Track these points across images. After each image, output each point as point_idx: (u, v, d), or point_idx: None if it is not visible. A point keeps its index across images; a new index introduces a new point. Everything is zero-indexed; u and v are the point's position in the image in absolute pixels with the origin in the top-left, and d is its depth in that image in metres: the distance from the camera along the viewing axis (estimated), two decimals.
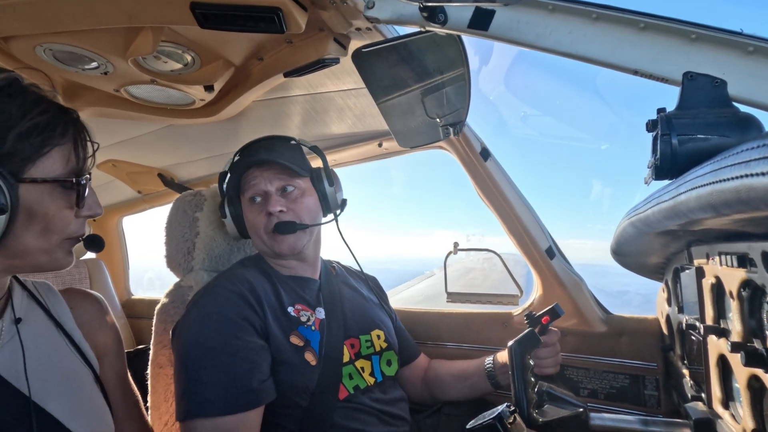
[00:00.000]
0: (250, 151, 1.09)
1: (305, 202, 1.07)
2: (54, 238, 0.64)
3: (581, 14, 0.74)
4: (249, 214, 1.07)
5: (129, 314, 2.34)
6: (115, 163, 1.88)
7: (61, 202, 0.64)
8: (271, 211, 1.02)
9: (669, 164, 0.67)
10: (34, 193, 0.60)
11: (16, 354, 0.65)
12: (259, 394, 0.88)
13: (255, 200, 1.06)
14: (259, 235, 1.06)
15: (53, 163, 0.62)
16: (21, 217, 0.59)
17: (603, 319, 1.32)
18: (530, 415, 0.88)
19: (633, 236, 0.86)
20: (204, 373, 0.87)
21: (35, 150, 0.60)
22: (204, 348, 0.89)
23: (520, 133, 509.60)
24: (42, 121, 0.61)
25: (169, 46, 1.01)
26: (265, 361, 0.92)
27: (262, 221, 1.04)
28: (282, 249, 1.04)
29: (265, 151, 1.07)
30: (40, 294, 0.75)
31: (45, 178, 0.61)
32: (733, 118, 0.66)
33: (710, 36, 0.68)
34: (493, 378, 1.15)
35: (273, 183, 1.05)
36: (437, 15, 0.79)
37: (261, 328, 0.95)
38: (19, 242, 0.61)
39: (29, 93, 0.62)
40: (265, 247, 1.08)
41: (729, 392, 0.69)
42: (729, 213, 0.48)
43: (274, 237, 1.04)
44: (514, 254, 1.48)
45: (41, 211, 0.61)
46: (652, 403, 1.23)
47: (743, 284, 0.60)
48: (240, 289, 0.97)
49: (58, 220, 0.64)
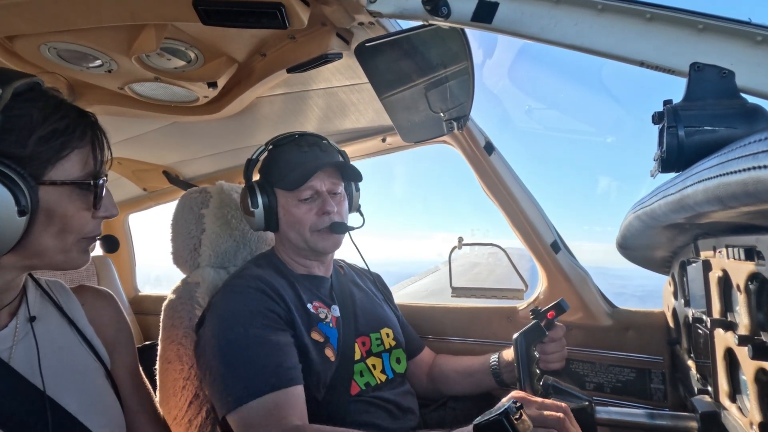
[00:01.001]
0: (294, 147, 1.09)
1: (344, 206, 1.13)
2: (71, 238, 0.66)
3: (586, 5, 0.73)
4: (296, 210, 1.07)
5: (136, 311, 2.36)
6: (121, 161, 1.89)
7: (79, 204, 0.65)
8: (329, 211, 1.06)
9: (675, 157, 0.66)
10: (53, 194, 0.62)
11: (30, 351, 0.67)
12: (295, 371, 0.91)
13: (307, 197, 1.07)
14: (302, 231, 1.07)
15: (72, 166, 0.64)
16: (40, 218, 0.61)
17: (609, 313, 1.32)
18: None
19: (639, 230, 0.85)
20: (241, 363, 0.89)
21: (55, 153, 0.62)
22: (236, 341, 0.92)
23: (524, 126, 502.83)
24: (62, 125, 0.62)
25: (172, 43, 1.01)
26: (294, 350, 0.95)
27: (310, 219, 1.07)
28: (326, 247, 1.09)
29: (321, 152, 1.10)
30: (53, 292, 0.77)
31: (64, 180, 0.63)
32: (740, 110, 0.65)
33: (718, 26, 0.67)
34: (498, 376, 1.15)
35: (326, 183, 1.08)
36: (440, 8, 0.78)
37: (288, 319, 0.98)
38: (38, 243, 0.62)
39: (49, 98, 0.64)
40: (303, 244, 1.09)
41: (736, 385, 0.69)
42: (736, 206, 0.48)
43: (321, 235, 1.07)
44: (518, 249, 1.48)
45: (60, 212, 0.63)
46: (659, 397, 1.22)
47: (750, 277, 0.59)
48: (260, 286, 0.99)
49: (76, 221, 0.65)
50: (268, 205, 1.09)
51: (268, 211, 1.09)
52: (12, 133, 0.58)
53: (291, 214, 1.08)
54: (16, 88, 0.59)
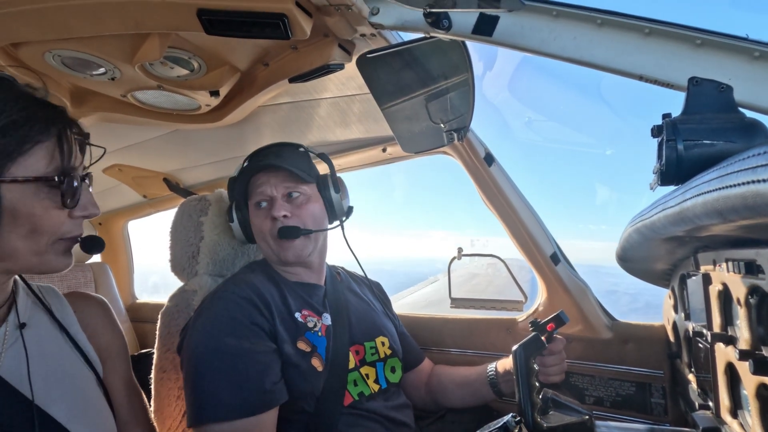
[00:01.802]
0: (258, 157, 1.10)
1: (310, 209, 1.07)
2: (44, 239, 0.62)
3: (586, 20, 0.74)
4: (255, 219, 1.08)
5: (133, 318, 2.34)
6: (121, 168, 1.89)
7: (48, 202, 0.61)
8: (276, 216, 1.03)
9: (675, 170, 0.66)
10: (16, 192, 0.58)
11: (19, 358, 0.65)
12: (272, 395, 0.88)
13: (261, 205, 1.07)
14: (265, 240, 1.07)
15: (36, 161, 0.60)
16: (5, 218, 0.58)
17: (608, 325, 1.31)
18: (535, 420, 0.87)
19: (639, 242, 0.85)
20: (216, 377, 0.87)
21: (15, 147, 0.58)
22: (215, 352, 0.89)
23: (524, 137, 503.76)
24: (20, 118, 0.58)
25: (175, 52, 1.02)
26: (276, 364, 0.92)
27: (267, 226, 1.05)
28: (287, 256, 1.05)
29: (273, 157, 1.07)
30: (44, 298, 0.75)
31: (27, 177, 0.59)
32: (739, 124, 0.65)
33: (715, 41, 0.68)
34: (495, 386, 1.14)
35: (278, 188, 1.05)
36: (441, 21, 0.79)
37: (270, 331, 0.95)
38: (6, 245, 0.59)
39: (13, 90, 0.61)
40: (271, 253, 1.08)
41: (737, 401, 0.68)
42: (736, 219, 0.48)
43: (280, 243, 1.04)
44: (518, 260, 1.48)
45: (25, 211, 0.59)
46: (659, 412, 1.21)
47: (751, 291, 0.59)
48: (248, 294, 0.97)
49: (47, 221, 0.61)
50: (241, 217, 1.11)
51: (243, 223, 1.11)
52: None
53: (252, 223, 1.09)
54: None
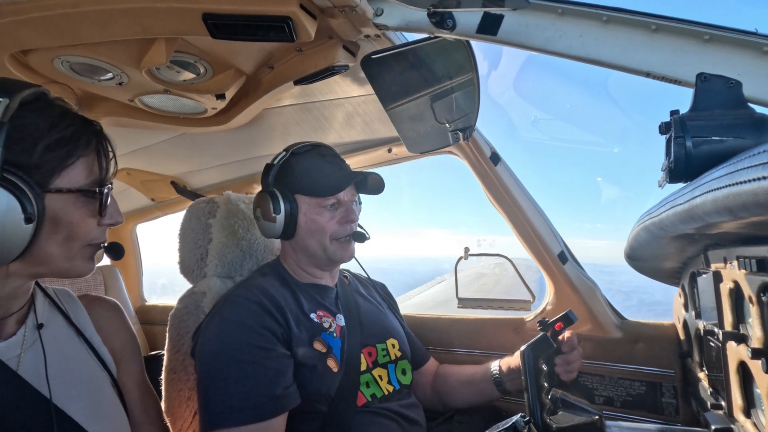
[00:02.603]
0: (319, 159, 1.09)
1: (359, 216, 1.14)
2: (76, 245, 0.66)
3: (591, 17, 0.73)
4: (320, 218, 1.07)
5: (143, 320, 2.36)
6: (130, 172, 1.92)
7: (85, 211, 0.66)
8: (353, 219, 1.08)
9: (683, 167, 0.66)
10: (59, 202, 0.63)
11: (38, 358, 0.68)
12: (283, 400, 0.89)
13: (331, 206, 1.08)
14: (322, 239, 1.07)
15: (77, 174, 0.64)
16: (47, 225, 0.62)
17: (618, 324, 1.30)
18: (544, 421, 0.87)
19: (647, 240, 0.84)
20: (227, 383, 0.87)
21: (61, 161, 0.63)
22: (226, 358, 0.90)
23: (530, 137, 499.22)
24: (67, 134, 0.64)
25: (182, 56, 1.03)
26: (288, 369, 0.93)
27: (332, 227, 1.07)
28: (344, 257, 1.10)
29: (342, 162, 1.12)
30: (60, 301, 0.78)
31: (70, 188, 0.64)
32: (748, 120, 0.64)
33: (724, 36, 0.67)
34: (500, 384, 1.14)
35: (348, 194, 1.10)
36: (446, 21, 0.79)
37: (283, 336, 0.95)
38: (44, 250, 0.63)
39: (55, 107, 0.65)
40: (321, 252, 1.08)
41: (750, 400, 0.67)
42: (746, 216, 0.47)
43: (341, 244, 1.08)
44: (525, 259, 1.47)
45: (66, 219, 0.64)
46: (670, 411, 1.20)
47: (763, 288, 0.58)
48: (260, 299, 0.98)
49: (82, 229, 0.66)
50: (290, 211, 1.07)
51: (289, 217, 1.08)
52: (19, 142, 0.59)
53: (314, 222, 1.08)
54: (23, 97, 0.60)
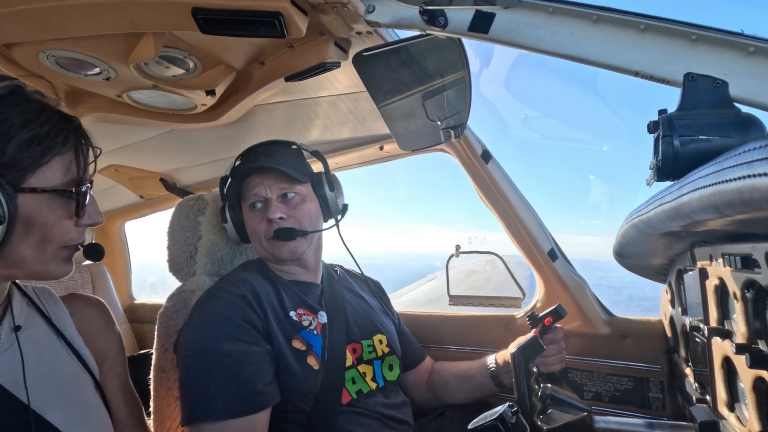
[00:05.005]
0: (250, 157, 1.09)
1: (306, 209, 1.07)
2: (51, 247, 0.63)
3: (582, 16, 0.74)
4: (249, 221, 1.08)
5: (131, 319, 2.34)
6: (118, 168, 1.89)
7: (60, 212, 0.62)
8: (271, 218, 1.03)
9: (671, 165, 0.67)
10: (32, 202, 0.59)
11: (15, 362, 0.64)
12: (264, 396, 0.88)
13: (255, 206, 1.06)
14: (259, 240, 1.07)
15: (53, 173, 0.61)
16: (19, 227, 0.58)
17: (606, 321, 1.31)
18: (535, 423, 0.88)
19: (635, 238, 0.85)
20: (209, 377, 0.87)
21: (35, 160, 0.59)
22: (208, 351, 0.89)
23: (521, 134, 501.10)
24: (43, 131, 0.60)
25: (170, 51, 1.02)
26: (269, 364, 0.92)
27: (262, 227, 1.05)
28: (282, 254, 1.05)
29: (265, 157, 1.06)
30: (40, 300, 0.75)
31: (44, 187, 0.60)
32: (734, 119, 0.66)
33: (711, 37, 0.68)
34: (496, 378, 1.15)
35: (273, 189, 1.05)
36: (437, 18, 0.79)
37: (263, 330, 0.95)
38: (16, 252, 0.60)
39: (31, 102, 0.61)
40: (265, 253, 1.08)
41: (734, 394, 0.68)
42: (732, 214, 0.48)
43: (274, 243, 1.04)
44: (516, 256, 1.48)
45: (39, 220, 0.60)
46: (657, 406, 1.22)
47: (747, 285, 0.59)
48: (242, 292, 0.97)
49: (57, 230, 0.62)
50: (235, 218, 1.10)
51: (236, 224, 1.10)
52: None
53: (247, 225, 1.09)
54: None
